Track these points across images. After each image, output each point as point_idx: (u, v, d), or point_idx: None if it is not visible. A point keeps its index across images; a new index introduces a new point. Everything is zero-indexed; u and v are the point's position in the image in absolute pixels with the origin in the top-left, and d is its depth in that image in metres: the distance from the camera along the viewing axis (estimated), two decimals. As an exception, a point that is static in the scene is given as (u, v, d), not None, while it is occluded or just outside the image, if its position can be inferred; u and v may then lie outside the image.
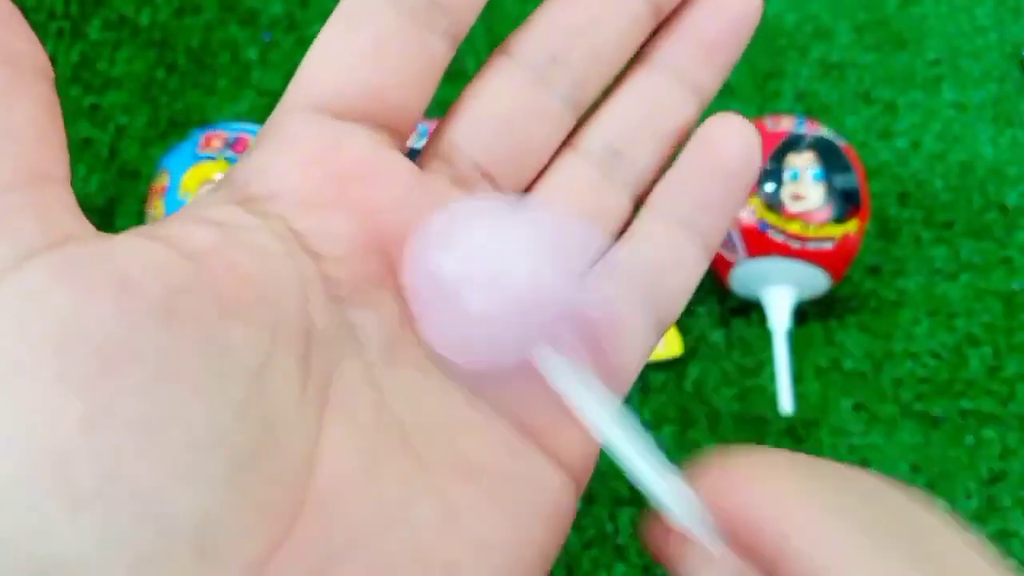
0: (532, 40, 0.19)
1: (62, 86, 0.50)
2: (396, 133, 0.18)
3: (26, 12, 0.53)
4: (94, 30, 0.51)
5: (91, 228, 0.15)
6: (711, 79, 0.20)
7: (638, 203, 0.20)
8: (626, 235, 0.20)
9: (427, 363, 0.17)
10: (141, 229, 0.15)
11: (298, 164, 0.17)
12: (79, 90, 0.50)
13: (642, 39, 0.20)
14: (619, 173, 0.20)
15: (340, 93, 0.18)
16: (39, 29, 0.51)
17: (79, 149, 0.48)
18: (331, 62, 0.18)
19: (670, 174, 0.20)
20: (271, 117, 0.18)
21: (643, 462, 0.17)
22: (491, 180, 0.19)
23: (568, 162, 0.20)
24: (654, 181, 0.20)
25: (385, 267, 0.17)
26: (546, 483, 0.17)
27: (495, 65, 0.19)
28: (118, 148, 0.48)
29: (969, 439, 0.44)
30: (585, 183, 0.20)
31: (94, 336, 0.13)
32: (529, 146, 0.19)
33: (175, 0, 0.53)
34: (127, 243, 0.15)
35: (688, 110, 0.20)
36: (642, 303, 0.20)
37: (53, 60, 0.50)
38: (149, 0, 0.53)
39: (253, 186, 0.17)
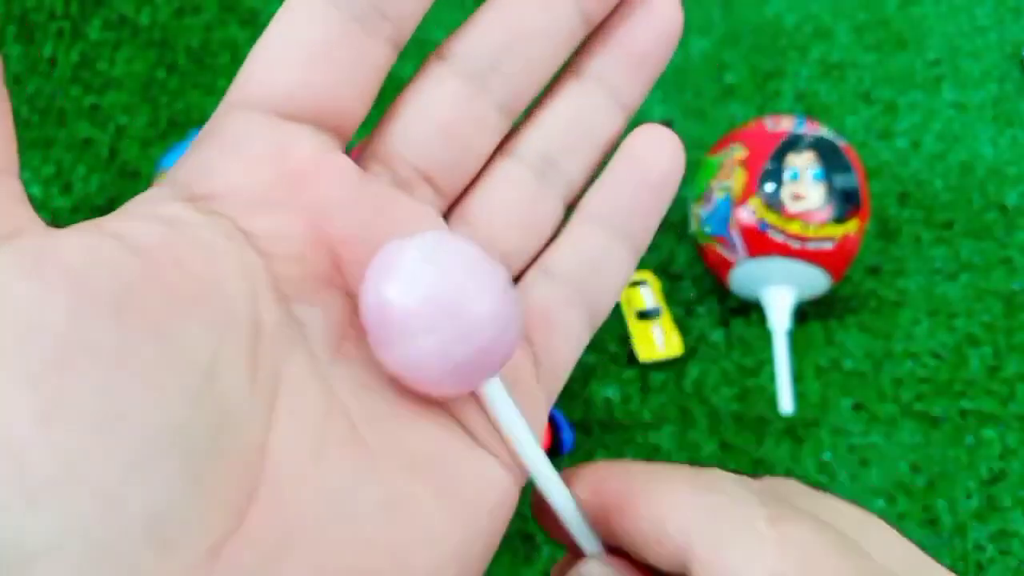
0: (468, 46, 0.20)
1: (62, 86, 0.50)
2: (339, 134, 0.19)
3: (26, 12, 0.53)
4: (94, 30, 0.51)
5: (40, 221, 0.15)
6: (637, 91, 0.21)
7: (569, 207, 0.22)
8: (559, 238, 0.21)
9: (373, 360, 0.18)
10: (87, 224, 0.15)
11: (244, 164, 0.17)
12: (79, 90, 0.50)
13: (573, 48, 0.21)
14: (553, 180, 0.21)
15: (284, 94, 0.18)
16: (39, 29, 0.51)
17: (79, 149, 0.48)
18: (276, 63, 0.18)
19: (599, 182, 0.21)
20: (214, 115, 0.18)
21: (560, 490, 0.19)
22: (431, 183, 0.20)
23: (504, 168, 0.21)
24: (585, 187, 0.22)
25: (332, 266, 0.18)
26: (489, 476, 0.18)
27: (432, 70, 0.20)
28: (118, 148, 0.48)
29: (969, 439, 0.44)
30: (521, 189, 0.21)
31: (49, 329, 0.13)
32: (467, 151, 0.20)
33: (175, 0, 0.53)
34: (77, 238, 0.15)
35: (617, 121, 0.21)
36: (575, 302, 0.21)
37: (53, 60, 0.50)
38: (149, 0, 0.53)
39: (198, 185, 0.17)
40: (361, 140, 0.20)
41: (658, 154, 0.21)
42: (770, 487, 0.18)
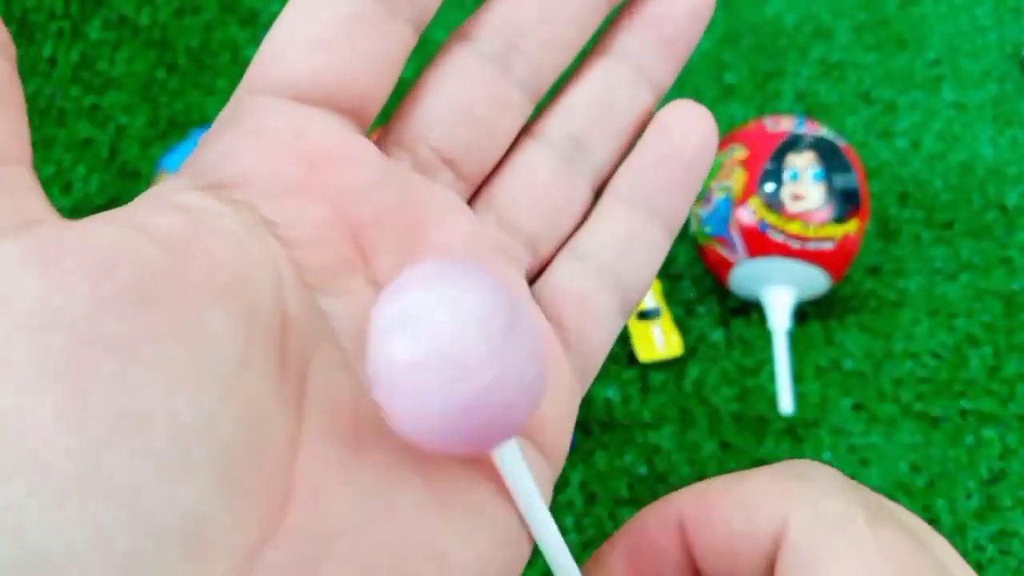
0: (490, 25, 0.19)
1: (62, 86, 0.50)
2: (359, 118, 0.18)
3: (26, 12, 0.53)
4: (94, 30, 0.51)
5: (55, 212, 0.14)
6: (667, 71, 0.21)
7: (598, 191, 0.21)
8: (588, 221, 0.20)
9: None
10: (106, 215, 0.15)
11: (263, 150, 0.17)
12: (79, 90, 0.50)
13: (596, 26, 0.20)
14: (580, 162, 0.20)
15: (303, 77, 0.17)
16: (39, 29, 0.51)
17: (79, 149, 0.48)
18: (294, 45, 0.17)
19: (630, 161, 0.20)
20: (231, 100, 0.18)
21: (568, 564, 0.17)
22: (453, 167, 0.19)
23: (529, 151, 0.20)
24: (614, 169, 0.21)
25: (356, 253, 0.17)
26: (531, 464, 0.17)
27: (453, 50, 0.19)
28: (118, 148, 0.48)
29: (969, 439, 0.44)
30: (547, 172, 0.20)
31: (69, 323, 0.13)
32: (490, 134, 0.19)
33: (175, 0, 0.53)
34: (96, 228, 0.14)
35: (646, 101, 0.21)
36: (608, 287, 0.20)
37: (53, 60, 0.50)
38: (149, 0, 0.53)
39: (217, 172, 0.16)
40: (379, 127, 0.20)
41: (690, 129, 0.20)
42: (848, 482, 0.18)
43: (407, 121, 0.19)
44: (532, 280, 0.20)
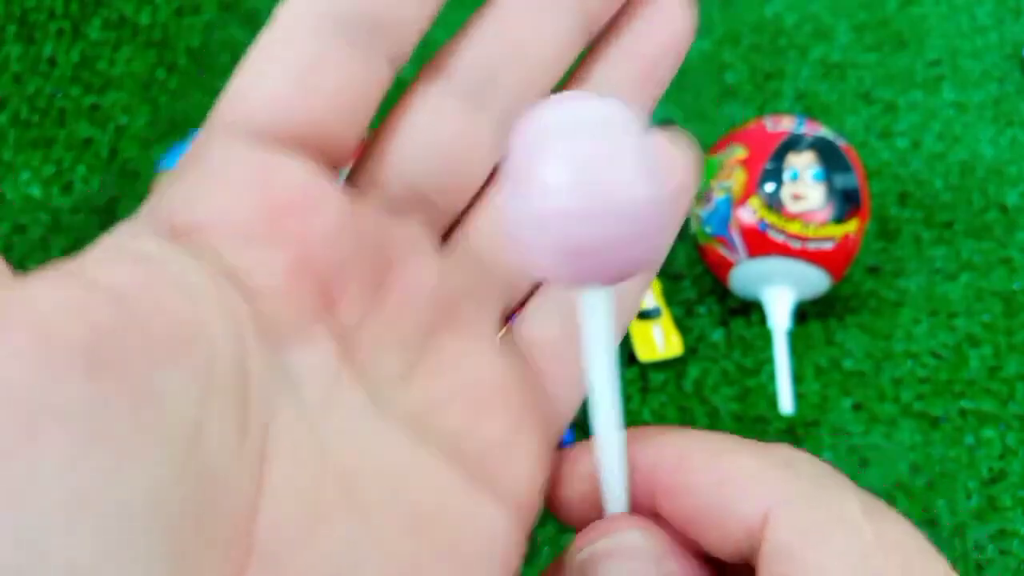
0: (464, 59, 0.19)
1: (62, 86, 0.50)
2: (330, 159, 0.17)
3: (26, 12, 0.53)
4: (94, 30, 0.51)
5: (5, 268, 0.13)
6: (646, 100, 0.20)
7: None
8: None
9: (369, 406, 0.16)
10: (56, 269, 0.14)
11: (226, 193, 0.16)
12: (79, 90, 0.50)
13: (573, 58, 0.20)
14: None
15: (270, 117, 0.17)
16: (39, 29, 0.51)
17: (79, 149, 0.48)
18: (263, 84, 0.17)
19: None
20: (197, 140, 0.17)
21: (616, 441, 0.17)
22: (427, 204, 0.19)
23: None
24: None
25: (321, 302, 0.16)
26: (497, 528, 0.17)
27: (425, 86, 0.19)
28: (118, 148, 0.48)
29: (969, 439, 0.44)
30: None
31: (13, 393, 0.12)
32: (466, 172, 0.19)
33: (175, 0, 0.53)
34: (44, 284, 0.13)
35: None
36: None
37: (53, 60, 0.50)
38: (149, 0, 0.53)
39: (179, 216, 0.16)
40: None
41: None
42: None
43: (380, 159, 0.18)
44: (510, 316, 0.19)
